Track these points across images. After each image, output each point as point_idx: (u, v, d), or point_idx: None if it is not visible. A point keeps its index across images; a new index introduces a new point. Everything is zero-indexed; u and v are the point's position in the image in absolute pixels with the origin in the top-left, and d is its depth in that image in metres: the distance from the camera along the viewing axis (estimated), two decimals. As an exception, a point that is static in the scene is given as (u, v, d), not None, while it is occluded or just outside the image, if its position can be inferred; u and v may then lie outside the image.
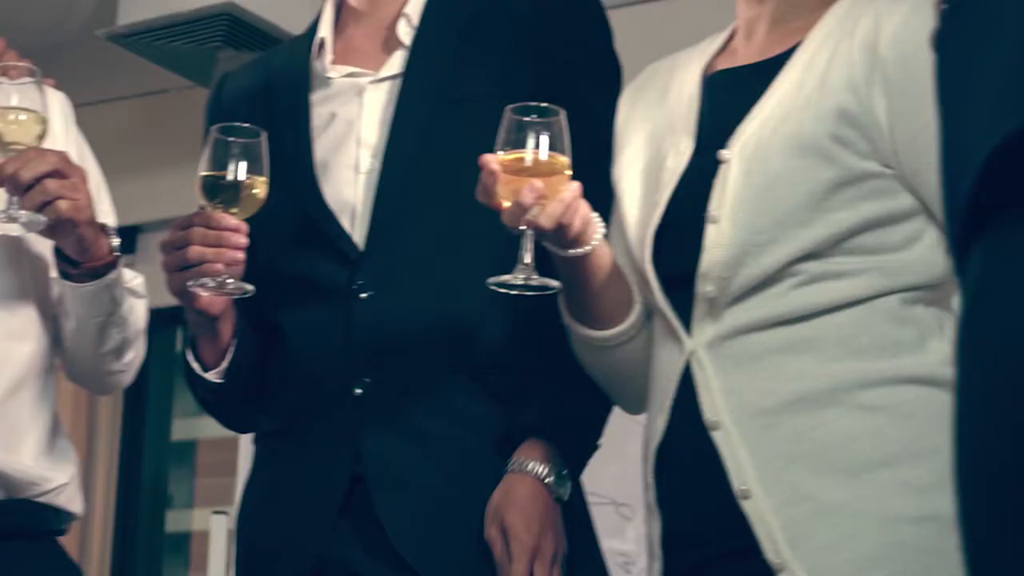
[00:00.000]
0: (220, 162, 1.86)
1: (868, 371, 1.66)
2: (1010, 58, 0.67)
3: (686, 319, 1.75)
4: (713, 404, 1.70)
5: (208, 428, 4.83)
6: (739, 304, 1.71)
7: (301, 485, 1.97)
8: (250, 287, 1.86)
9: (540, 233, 1.73)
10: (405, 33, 2.08)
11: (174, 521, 5.28)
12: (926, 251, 1.70)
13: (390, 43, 2.10)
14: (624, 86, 2.05)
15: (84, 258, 2.10)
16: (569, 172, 1.74)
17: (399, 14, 2.10)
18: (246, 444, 4.06)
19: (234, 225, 1.86)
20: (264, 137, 1.88)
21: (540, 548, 1.85)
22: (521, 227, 1.72)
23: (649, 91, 1.96)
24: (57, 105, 2.25)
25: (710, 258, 1.72)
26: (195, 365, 2.00)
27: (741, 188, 1.72)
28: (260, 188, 1.87)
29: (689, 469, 1.73)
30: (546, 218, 1.71)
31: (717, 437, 1.69)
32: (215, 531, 4.44)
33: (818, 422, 1.65)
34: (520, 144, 1.73)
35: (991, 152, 0.67)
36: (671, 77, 1.93)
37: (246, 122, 1.94)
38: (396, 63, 2.07)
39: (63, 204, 1.98)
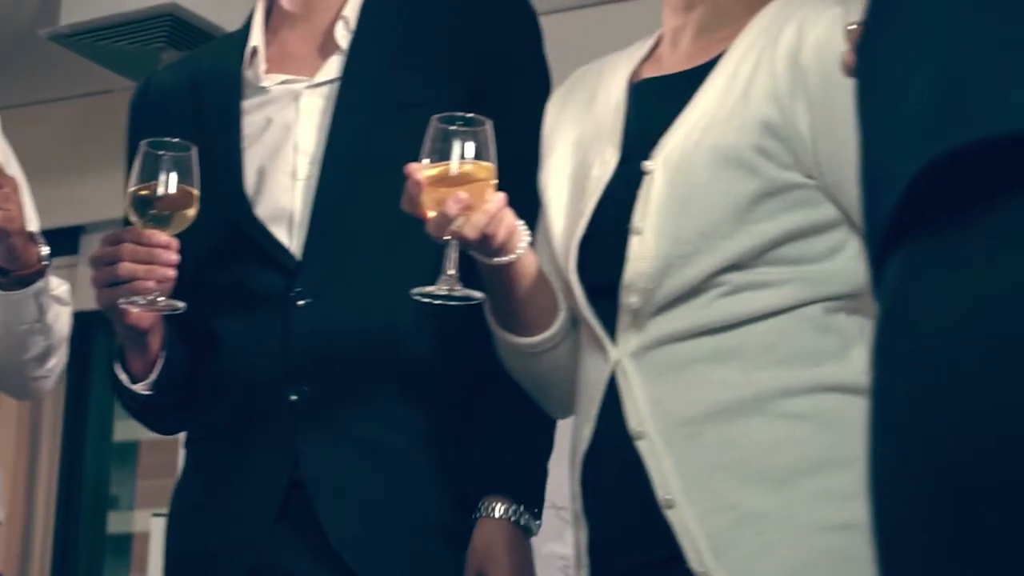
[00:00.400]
0: (150, 177, 1.84)
1: (791, 380, 1.66)
2: (935, 81, 0.68)
3: (611, 329, 1.75)
4: (637, 413, 1.70)
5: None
6: (663, 314, 1.71)
7: (237, 491, 1.95)
8: (181, 304, 1.84)
9: (465, 243, 1.73)
10: (342, 36, 2.06)
11: (116, 522, 5.23)
12: (849, 261, 1.70)
13: (327, 47, 2.08)
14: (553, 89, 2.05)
15: (14, 267, 2.07)
16: (494, 182, 1.74)
17: (336, 17, 2.08)
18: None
19: (165, 242, 1.84)
20: (195, 152, 1.86)
21: None
22: (446, 237, 1.72)
23: (577, 96, 1.95)
24: None
25: (634, 270, 1.72)
26: (123, 377, 1.98)
27: (665, 200, 1.72)
28: (191, 205, 1.85)
29: (614, 478, 1.72)
30: (470, 229, 1.71)
31: (641, 446, 1.68)
32: (156, 534, 4.40)
33: (742, 431, 1.65)
34: (446, 154, 1.72)
35: (914, 175, 0.67)
36: (599, 82, 1.93)
37: (173, 127, 1.92)
38: (333, 67, 2.05)
39: None
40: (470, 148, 1.72)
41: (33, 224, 2.19)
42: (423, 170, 1.72)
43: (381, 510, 1.90)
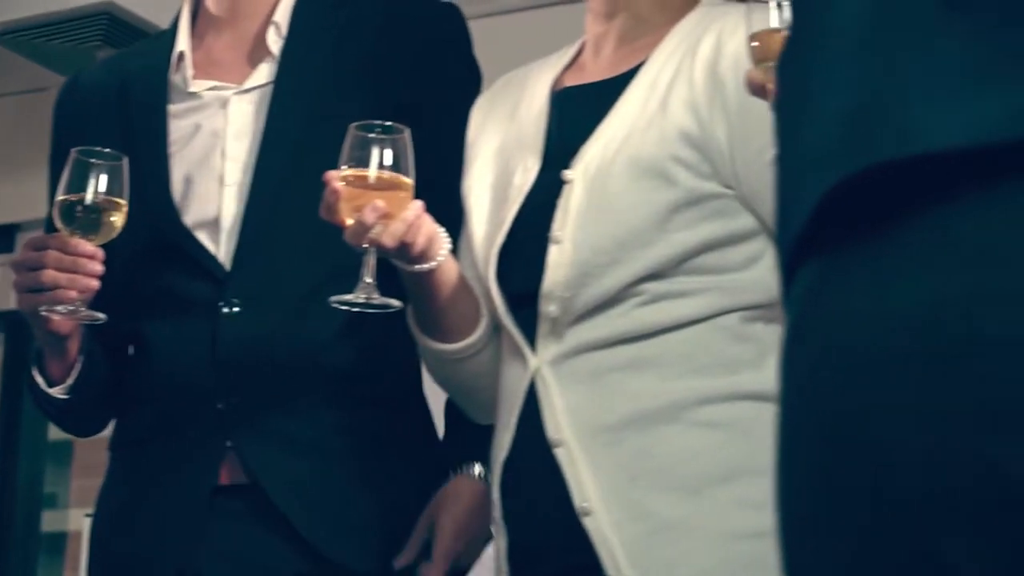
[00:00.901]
0: (79, 187, 1.82)
1: (708, 388, 1.66)
2: (846, 100, 0.70)
3: (531, 337, 1.74)
4: (556, 421, 1.69)
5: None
6: (582, 323, 1.70)
7: (163, 498, 1.93)
8: (101, 316, 1.82)
9: (384, 251, 1.71)
10: (274, 42, 2.03)
11: (50, 521, 5.18)
12: (767, 271, 1.70)
13: (256, 52, 2.05)
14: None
15: None
16: (412, 190, 1.72)
17: (266, 22, 2.05)
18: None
19: (90, 252, 1.82)
20: (126, 162, 1.84)
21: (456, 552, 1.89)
22: (364, 245, 1.70)
23: (500, 103, 1.94)
24: None
25: (552, 278, 1.71)
26: (40, 380, 1.96)
27: (584, 209, 1.71)
28: (119, 216, 1.83)
29: (533, 485, 1.71)
30: (388, 237, 1.69)
31: (559, 454, 1.68)
32: (88, 534, 4.35)
33: (658, 439, 1.65)
34: (364, 161, 1.71)
35: (824, 193, 0.69)
36: (522, 90, 1.92)
37: (100, 128, 1.89)
38: (263, 73, 2.02)
39: None
40: (388, 156, 1.71)
41: None
42: (341, 178, 1.70)
43: (331, 495, 1.89)
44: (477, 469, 1.92)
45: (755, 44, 1.50)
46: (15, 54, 4.33)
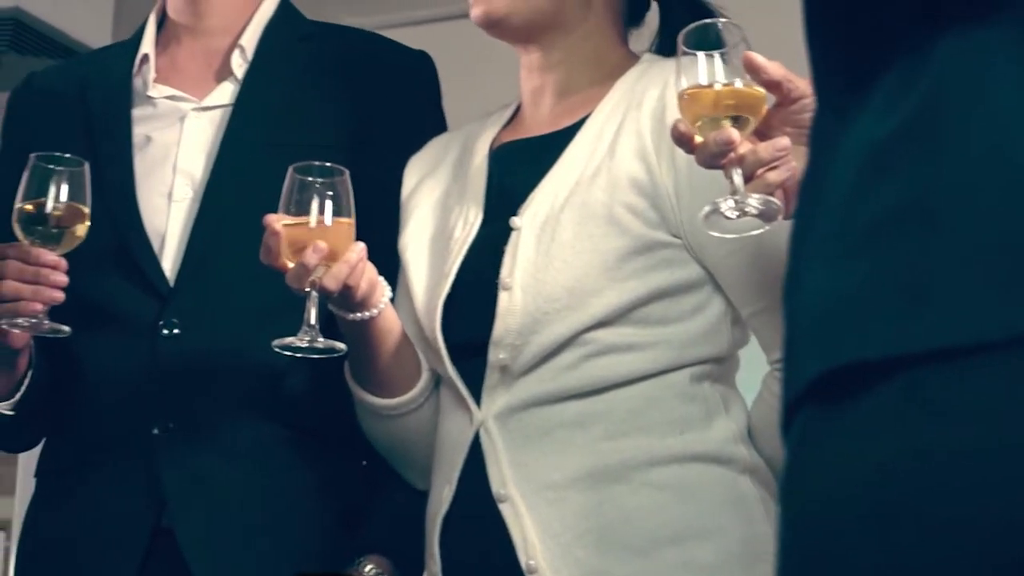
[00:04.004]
0: (40, 193, 1.67)
1: (656, 448, 1.58)
2: (824, 299, 0.77)
3: (476, 389, 1.65)
4: (501, 476, 1.60)
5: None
6: (531, 374, 1.61)
7: (99, 534, 1.78)
8: (66, 328, 1.68)
9: (325, 295, 1.61)
10: (238, 65, 1.93)
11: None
12: (713, 321, 1.64)
13: (220, 71, 1.94)
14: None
15: None
16: (353, 232, 1.63)
17: (232, 42, 1.94)
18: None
19: (53, 262, 1.67)
20: (87, 168, 1.70)
21: None
22: (306, 288, 1.60)
23: (438, 161, 1.84)
24: None
25: (503, 325, 1.62)
26: None
27: (532, 256, 1.63)
28: (82, 225, 1.69)
29: (476, 541, 1.62)
30: (330, 279, 1.59)
31: (504, 510, 1.59)
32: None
33: (605, 498, 1.56)
34: (304, 205, 1.61)
35: (809, 380, 0.76)
36: (461, 147, 1.83)
37: (58, 133, 1.76)
38: (224, 94, 1.91)
39: None
40: (328, 199, 1.61)
41: None
42: (281, 221, 1.60)
43: (249, 555, 1.75)
44: (369, 568, 1.77)
45: (684, 99, 1.44)
46: (-83, 57, 4.14)
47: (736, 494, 1.59)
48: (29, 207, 1.68)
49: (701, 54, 1.42)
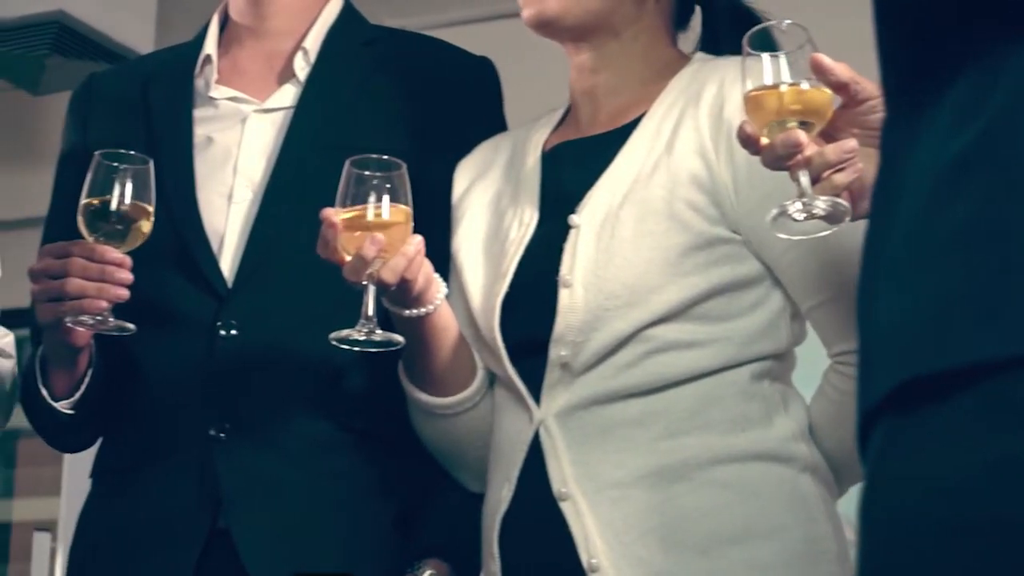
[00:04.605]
0: (104, 190, 1.66)
1: (717, 446, 1.57)
2: (898, 307, 0.78)
3: (534, 388, 1.64)
4: (562, 475, 1.59)
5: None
6: (591, 372, 1.60)
7: (156, 532, 1.77)
8: (131, 326, 1.67)
9: (382, 289, 1.60)
10: (301, 68, 1.92)
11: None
12: (772, 316, 1.63)
13: (283, 74, 1.93)
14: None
15: None
16: (410, 224, 1.61)
17: (295, 44, 1.93)
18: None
19: (118, 259, 1.66)
20: (151, 165, 1.69)
21: None
22: (363, 282, 1.59)
23: (485, 166, 1.84)
24: None
25: (564, 322, 1.61)
26: (45, 393, 1.80)
27: (593, 252, 1.62)
28: (146, 222, 1.68)
29: (536, 540, 1.61)
30: (388, 272, 1.58)
31: (566, 508, 1.58)
32: (38, 549, 4.17)
33: (667, 496, 1.55)
34: (361, 197, 1.59)
35: (891, 388, 0.77)
36: (512, 150, 1.82)
37: (121, 131, 1.76)
38: (286, 96, 1.90)
39: None
40: (386, 192, 1.60)
41: None
42: (338, 214, 1.59)
43: (306, 556, 1.73)
44: (429, 574, 1.75)
45: (750, 101, 1.43)
46: (-40, 60, 4.15)
47: (797, 493, 1.58)
48: (94, 204, 1.67)
49: (766, 55, 1.41)
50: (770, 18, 1.69)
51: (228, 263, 1.81)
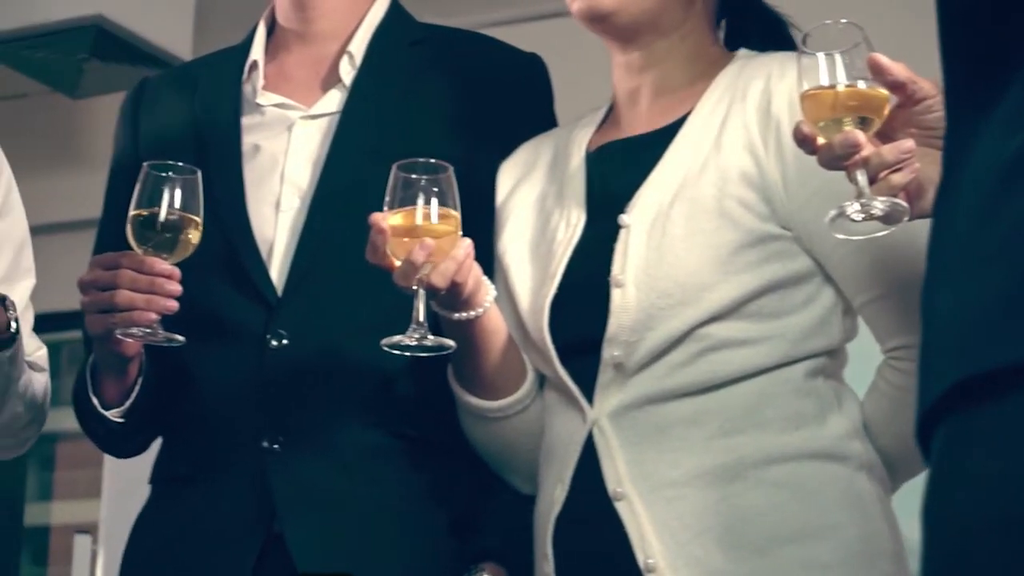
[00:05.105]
0: (153, 201, 1.65)
1: (772, 445, 1.56)
2: (954, 306, 0.78)
3: (587, 388, 1.63)
4: (617, 475, 1.58)
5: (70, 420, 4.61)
6: (645, 371, 1.59)
7: (212, 539, 1.77)
8: (180, 338, 1.66)
9: (432, 293, 1.59)
10: (347, 72, 1.90)
11: (34, 515, 5.04)
12: (824, 312, 1.62)
13: (329, 78, 1.91)
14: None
15: None
16: (459, 228, 1.60)
17: (341, 50, 1.92)
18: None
19: (167, 271, 1.65)
20: (199, 176, 1.68)
21: None
22: (413, 287, 1.58)
23: (528, 167, 1.82)
24: None
25: (617, 322, 1.60)
26: (96, 402, 1.79)
27: (644, 251, 1.61)
28: (195, 233, 1.67)
29: (591, 540, 1.60)
30: (439, 276, 1.57)
31: (621, 508, 1.56)
32: (79, 552, 4.15)
33: (723, 496, 1.54)
34: (409, 202, 1.58)
35: (949, 386, 0.77)
36: (553, 152, 1.81)
37: (170, 138, 1.75)
38: (332, 101, 1.89)
39: None
40: (434, 195, 1.59)
41: (21, 286, 1.98)
42: (387, 219, 1.58)
43: (361, 564, 1.72)
44: None
45: (807, 100, 1.42)
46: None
47: (853, 491, 1.57)
48: (142, 215, 1.66)
49: (822, 55, 1.40)
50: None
51: (277, 272, 1.80)
